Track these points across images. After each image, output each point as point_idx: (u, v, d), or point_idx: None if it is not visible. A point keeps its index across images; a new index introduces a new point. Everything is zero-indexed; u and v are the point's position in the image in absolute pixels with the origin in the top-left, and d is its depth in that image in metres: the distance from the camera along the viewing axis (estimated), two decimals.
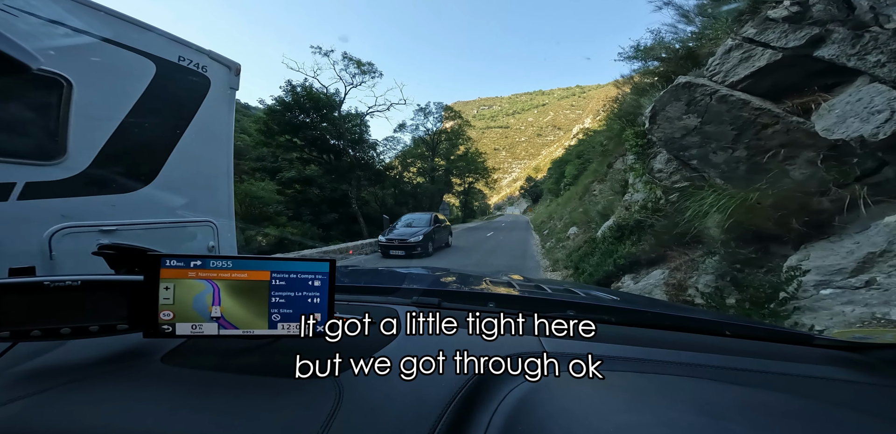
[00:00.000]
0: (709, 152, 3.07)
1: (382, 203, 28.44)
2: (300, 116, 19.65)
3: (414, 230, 10.57)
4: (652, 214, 4.15)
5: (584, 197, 14.20)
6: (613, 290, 3.98)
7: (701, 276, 2.92)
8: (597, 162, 15.46)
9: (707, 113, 3.04)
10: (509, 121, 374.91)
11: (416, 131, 34.33)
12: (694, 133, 3.16)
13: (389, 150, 30.16)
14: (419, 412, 0.50)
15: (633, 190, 5.27)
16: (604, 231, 5.34)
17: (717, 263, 2.76)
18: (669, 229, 3.57)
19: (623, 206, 5.66)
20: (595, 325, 0.64)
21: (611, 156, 14.33)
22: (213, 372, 0.61)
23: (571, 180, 32.51)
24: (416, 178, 34.31)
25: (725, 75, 3.09)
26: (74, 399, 0.52)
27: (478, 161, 39.40)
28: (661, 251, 3.61)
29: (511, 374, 0.58)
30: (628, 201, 5.57)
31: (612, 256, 4.37)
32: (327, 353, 0.59)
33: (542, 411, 0.49)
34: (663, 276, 3.32)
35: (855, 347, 0.75)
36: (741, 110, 2.79)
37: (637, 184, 5.15)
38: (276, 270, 0.64)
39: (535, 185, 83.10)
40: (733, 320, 1.18)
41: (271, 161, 18.94)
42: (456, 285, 1.42)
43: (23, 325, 0.56)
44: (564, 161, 43.55)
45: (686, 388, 0.58)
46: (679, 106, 3.21)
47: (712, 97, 2.99)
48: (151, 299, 0.60)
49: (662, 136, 3.57)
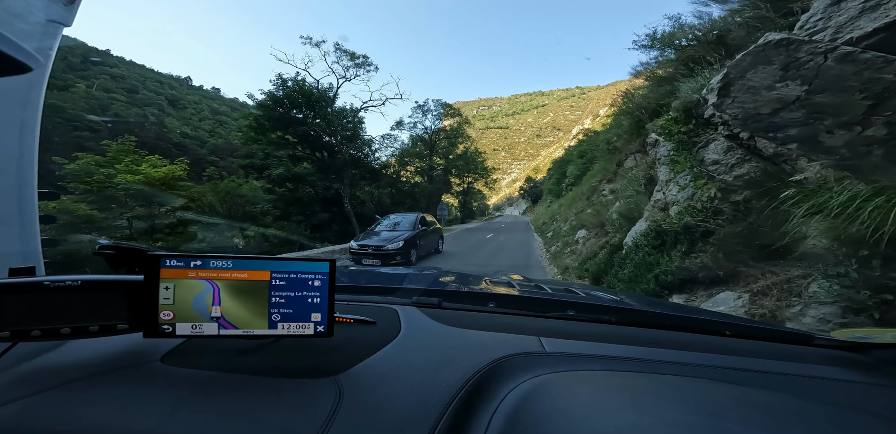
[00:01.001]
0: (819, 132, 2.21)
1: (378, 203, 27.56)
2: (292, 111, 18.71)
3: (393, 235, 8.69)
4: (709, 218, 3.28)
5: (591, 197, 13.33)
6: (613, 290, 3.82)
7: (809, 305, 2.07)
8: (604, 160, 14.63)
9: (818, 78, 2.17)
10: (509, 121, 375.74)
11: (413, 129, 33.42)
12: (795, 106, 2.30)
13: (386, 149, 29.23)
14: (419, 412, 0.50)
15: (672, 186, 4.38)
16: (635, 237, 4.45)
17: (846, 290, 1.90)
18: (745, 238, 2.72)
19: (657, 207, 4.78)
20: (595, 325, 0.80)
21: (620, 153, 13.53)
22: (213, 372, 0.61)
23: (573, 180, 31.81)
24: (413, 177, 33.40)
25: (836, 32, 2.23)
26: (74, 399, 0.52)
27: (477, 160, 38.52)
28: (731, 267, 2.75)
29: (511, 373, 0.59)
30: (662, 201, 4.68)
31: (653, 271, 3.48)
32: (327, 353, 0.65)
33: (541, 411, 0.49)
34: (741, 301, 2.45)
35: (855, 347, 0.75)
36: (881, 71, 1.93)
37: (678, 180, 4.26)
38: (276, 270, 0.64)
39: (534, 185, 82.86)
40: (733, 320, 1.16)
41: (261, 158, 17.93)
42: (456, 285, 1.40)
43: (23, 325, 0.56)
44: (565, 161, 42.87)
45: (686, 388, 0.56)
46: (770, 71, 2.35)
47: (828, 57, 2.10)
48: (151, 299, 0.60)
49: (739, 114, 2.71)
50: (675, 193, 4.22)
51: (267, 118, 18.21)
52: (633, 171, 9.41)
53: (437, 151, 33.82)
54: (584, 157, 31.36)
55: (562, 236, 12.03)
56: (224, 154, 49.54)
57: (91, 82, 76.52)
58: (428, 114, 33.30)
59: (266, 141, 19.72)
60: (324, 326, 0.64)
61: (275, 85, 18.45)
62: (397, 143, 30.49)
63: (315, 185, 17.04)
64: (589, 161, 29.30)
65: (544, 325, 0.86)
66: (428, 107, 33.12)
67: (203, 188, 14.32)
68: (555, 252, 10.63)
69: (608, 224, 7.78)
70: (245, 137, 20.01)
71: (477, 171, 39.16)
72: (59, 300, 0.57)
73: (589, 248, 7.90)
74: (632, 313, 1.03)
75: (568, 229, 12.38)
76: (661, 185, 4.89)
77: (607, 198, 11.67)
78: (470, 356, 0.63)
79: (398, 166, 31.05)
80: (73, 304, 0.58)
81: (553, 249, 11.07)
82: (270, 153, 18.83)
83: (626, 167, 12.86)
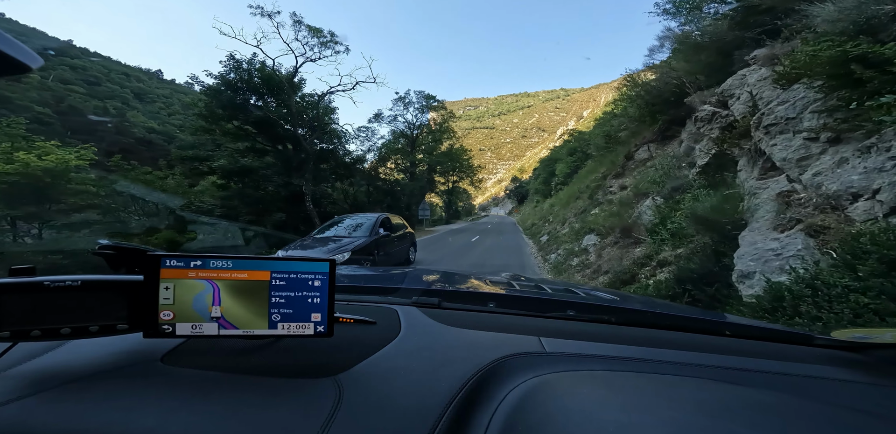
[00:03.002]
0: None
1: (354, 202, 25.09)
2: (248, 96, 16.09)
3: (341, 244, 6.07)
4: None
5: (595, 195, 11.26)
6: (613, 289, 3.43)
7: None
8: (602, 155, 12.68)
9: None
10: (495, 122, 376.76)
11: (394, 122, 30.97)
12: None
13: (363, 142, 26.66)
14: (419, 412, 0.50)
15: (855, 163, 2.24)
16: (836, 267, 2.20)
17: None
18: None
19: (796, 204, 2.61)
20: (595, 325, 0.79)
21: (628, 145, 11.57)
22: (213, 372, 0.60)
23: (563, 179, 30.05)
24: (394, 174, 30.97)
25: None
26: (74, 399, 0.52)
27: (463, 158, 36.34)
28: None
29: (511, 373, 0.59)
30: (813, 193, 2.53)
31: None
32: (327, 353, 0.65)
33: (542, 411, 0.48)
34: None
35: (855, 347, 0.74)
36: None
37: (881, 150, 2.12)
38: (276, 270, 0.64)
39: (520, 185, 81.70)
40: (733, 320, 1.16)
41: (209, 149, 15.22)
42: (456, 285, 1.39)
43: (23, 325, 0.55)
44: (553, 160, 41.25)
45: (686, 388, 0.56)
46: None
47: None
48: (151, 299, 0.59)
49: None
50: (858, 176, 2.11)
51: (220, 105, 15.54)
52: (661, 161, 7.33)
53: (419, 147, 31.42)
54: (574, 155, 29.75)
55: (562, 242, 9.90)
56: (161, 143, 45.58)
57: (48, 73, 71.05)
58: (410, 106, 30.95)
59: (222, 132, 17.04)
60: (324, 326, 0.64)
61: (226, 67, 15.78)
62: (376, 136, 27.99)
63: (271, 180, 14.39)
64: (580, 159, 27.70)
65: (544, 325, 0.86)
66: (410, 98, 30.77)
67: (102, 181, 11.16)
68: (556, 262, 8.47)
69: (637, 229, 5.64)
70: (195, 127, 17.30)
71: (462, 169, 36.98)
72: (59, 300, 0.57)
73: (609, 261, 5.79)
74: (632, 313, 1.03)
75: (569, 233, 10.25)
76: (792, 166, 2.79)
77: (617, 195, 9.64)
78: (470, 356, 0.64)
79: (377, 162, 28.56)
80: (73, 304, 0.58)
81: (554, 259, 8.92)
82: (223, 144, 16.18)
83: (637, 159, 10.90)
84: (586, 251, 7.57)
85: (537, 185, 46.36)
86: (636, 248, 5.41)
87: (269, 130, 15.96)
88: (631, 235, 5.86)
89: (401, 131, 31.29)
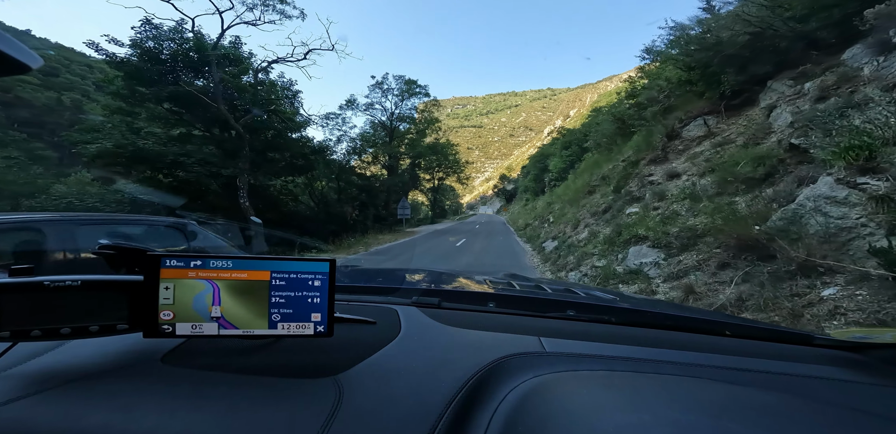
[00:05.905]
0: None
1: (322, 199, 21.73)
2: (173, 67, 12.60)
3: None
4: None
5: (625, 187, 8.26)
6: (613, 289, 3.50)
7: None
8: (640, 135, 9.73)
9: None
10: (483, 120, 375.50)
11: (371, 110, 27.60)
12: None
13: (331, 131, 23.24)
14: (419, 412, 0.50)
15: None
16: None
17: None
18: None
19: None
20: (595, 325, 0.77)
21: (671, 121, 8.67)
22: (213, 372, 0.60)
23: (558, 175, 27.29)
24: (370, 168, 27.63)
25: None
26: (74, 399, 0.52)
27: (449, 152, 33.21)
28: None
29: (511, 374, 0.58)
30: None
31: None
32: (327, 353, 0.64)
33: (542, 411, 0.48)
34: None
35: (855, 347, 0.74)
36: None
37: None
38: (276, 270, 0.63)
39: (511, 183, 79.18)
40: (733, 320, 1.16)
41: (122, 132, 11.70)
42: (456, 285, 1.39)
43: (23, 325, 0.55)
44: (545, 155, 38.44)
45: (686, 388, 0.56)
46: None
47: None
48: (151, 299, 0.59)
49: None
50: None
51: (138, 81, 12.03)
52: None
53: (399, 139, 28.08)
54: (569, 148, 27.02)
55: (585, 253, 6.87)
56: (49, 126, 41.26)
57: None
58: (389, 93, 27.64)
59: (149, 115, 13.52)
60: (324, 326, 0.64)
61: (139, 33, 12.24)
62: (347, 125, 24.57)
63: (189, 169, 10.96)
64: (576, 153, 24.95)
65: (544, 325, 0.86)
66: (388, 84, 27.45)
67: None
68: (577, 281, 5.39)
69: (772, 242, 2.64)
70: (112, 109, 13.72)
71: (449, 164, 33.85)
72: (59, 300, 0.57)
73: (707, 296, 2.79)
74: (632, 313, 1.02)
75: (595, 242, 7.21)
76: None
77: (665, 185, 6.68)
78: (470, 356, 0.64)
79: (350, 153, 25.17)
80: (73, 304, 0.58)
81: (583, 282, 5.88)
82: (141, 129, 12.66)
83: (686, 138, 7.99)
84: (641, 274, 4.56)
85: (527, 183, 43.51)
86: (791, 279, 2.40)
87: (196, 111, 12.52)
88: (768, 253, 2.83)
89: (379, 121, 27.96)
